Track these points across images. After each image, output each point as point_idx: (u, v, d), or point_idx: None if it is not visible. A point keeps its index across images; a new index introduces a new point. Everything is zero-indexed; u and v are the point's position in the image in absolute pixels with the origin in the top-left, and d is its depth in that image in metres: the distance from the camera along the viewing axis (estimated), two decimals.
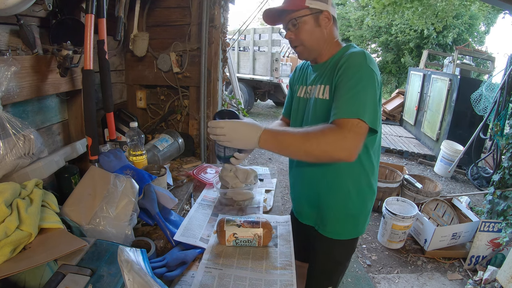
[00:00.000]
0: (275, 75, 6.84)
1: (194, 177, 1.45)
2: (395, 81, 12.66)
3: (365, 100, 0.87)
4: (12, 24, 1.02)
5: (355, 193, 1.07)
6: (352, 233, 1.13)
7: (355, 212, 1.09)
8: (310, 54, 1.06)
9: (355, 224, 1.12)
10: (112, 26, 1.37)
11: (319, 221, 1.15)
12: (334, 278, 1.22)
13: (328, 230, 1.13)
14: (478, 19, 10.91)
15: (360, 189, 1.07)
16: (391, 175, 3.47)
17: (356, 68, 0.91)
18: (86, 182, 0.99)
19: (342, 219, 1.10)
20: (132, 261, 0.63)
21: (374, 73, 0.90)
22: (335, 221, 1.11)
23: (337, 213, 1.10)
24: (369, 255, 2.57)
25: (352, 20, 13.58)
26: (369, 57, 0.92)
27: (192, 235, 1.01)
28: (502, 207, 2.45)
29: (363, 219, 1.12)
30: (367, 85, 0.88)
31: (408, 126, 6.39)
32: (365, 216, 1.13)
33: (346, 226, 1.11)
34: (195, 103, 1.94)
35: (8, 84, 0.88)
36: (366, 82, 0.89)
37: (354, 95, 0.87)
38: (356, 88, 0.88)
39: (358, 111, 0.85)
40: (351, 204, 1.08)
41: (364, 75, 0.89)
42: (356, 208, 1.09)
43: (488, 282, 2.08)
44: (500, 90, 3.45)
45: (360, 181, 1.06)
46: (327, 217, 1.12)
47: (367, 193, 1.09)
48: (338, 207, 1.09)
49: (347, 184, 1.06)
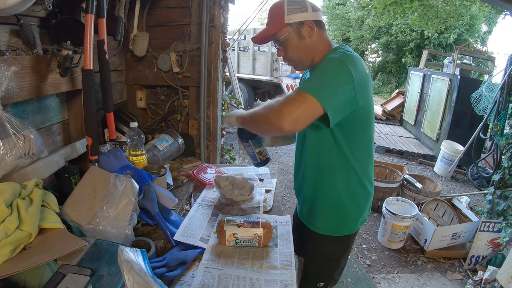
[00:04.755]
0: (275, 75, 6.84)
1: (194, 177, 1.45)
2: (395, 81, 12.65)
3: (327, 83, 0.89)
4: (12, 24, 1.02)
5: (345, 191, 1.09)
6: (342, 230, 1.14)
7: (345, 210, 1.11)
8: (304, 65, 1.09)
9: (345, 221, 1.13)
10: (112, 26, 1.37)
11: (310, 217, 1.18)
12: (325, 274, 1.23)
13: (317, 226, 1.16)
14: (478, 19, 10.90)
15: (350, 188, 1.09)
16: (391, 175, 3.47)
17: (332, 60, 0.94)
18: (86, 182, 0.99)
19: (332, 215, 1.13)
20: (132, 261, 0.63)
21: (349, 72, 0.89)
22: (324, 216, 1.14)
23: (326, 209, 1.13)
24: (369, 255, 2.57)
25: (352, 20, 13.57)
26: (350, 59, 0.92)
27: (192, 235, 1.01)
28: (502, 207, 2.45)
29: (354, 217, 1.13)
30: (335, 74, 0.90)
31: (408, 126, 6.39)
32: (357, 214, 1.14)
33: (335, 222, 1.13)
34: (195, 103, 1.94)
35: (8, 84, 0.88)
36: (335, 72, 0.91)
37: (315, 77, 0.93)
38: (321, 73, 0.92)
39: (310, 87, 0.88)
40: (340, 202, 1.10)
41: (336, 66, 0.91)
42: (345, 206, 1.11)
43: (488, 282, 2.08)
44: (500, 90, 3.45)
45: (350, 179, 1.08)
46: (316, 212, 1.15)
47: (358, 192, 1.11)
48: (327, 203, 1.12)
49: (336, 182, 1.09)
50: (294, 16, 0.99)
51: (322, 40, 1.04)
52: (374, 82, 13.24)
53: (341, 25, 14.34)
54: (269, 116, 0.90)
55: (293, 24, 1.00)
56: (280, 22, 1.00)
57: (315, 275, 1.23)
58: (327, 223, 1.14)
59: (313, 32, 1.01)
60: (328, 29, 16.21)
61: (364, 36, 13.52)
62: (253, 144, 1.16)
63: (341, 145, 1.03)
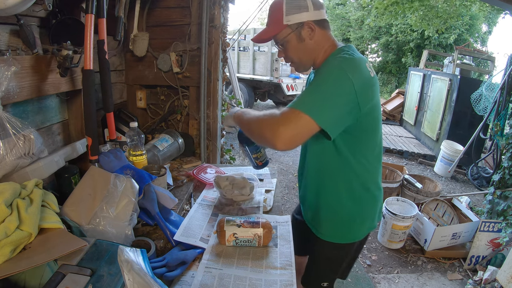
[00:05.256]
0: (275, 75, 6.84)
1: (194, 177, 1.45)
2: (395, 81, 12.65)
3: (321, 98, 0.84)
4: (12, 24, 1.02)
5: (348, 197, 1.05)
6: (346, 237, 1.11)
7: (350, 216, 1.07)
8: (305, 66, 1.05)
9: (349, 228, 1.09)
10: (112, 26, 1.37)
11: (315, 221, 1.16)
12: (329, 276, 1.23)
13: (322, 232, 1.13)
14: (478, 19, 10.90)
15: (353, 193, 1.05)
16: (391, 175, 3.47)
17: (329, 70, 0.90)
18: (86, 182, 0.99)
19: (335, 222, 1.09)
20: (132, 261, 0.63)
21: (348, 80, 0.85)
22: (328, 222, 1.11)
23: (330, 214, 1.09)
24: (369, 255, 2.57)
25: (352, 20, 13.56)
26: (351, 64, 0.88)
27: (192, 235, 1.01)
28: (502, 207, 2.45)
29: (359, 223, 1.10)
30: (332, 86, 0.86)
31: (408, 126, 6.38)
32: (363, 220, 1.10)
33: (340, 228, 1.10)
34: (195, 103, 1.94)
35: (8, 84, 0.88)
36: (331, 83, 0.86)
37: (310, 91, 0.87)
38: (318, 86, 0.87)
39: (303, 105, 0.84)
40: (342, 206, 1.07)
41: (332, 76, 0.87)
42: (349, 212, 1.07)
43: (488, 282, 2.08)
44: (500, 90, 3.45)
45: (352, 185, 1.04)
46: (320, 217, 1.12)
47: (363, 197, 1.06)
48: (330, 208, 1.09)
49: (338, 187, 1.05)
50: (294, 17, 0.94)
51: (325, 40, 0.99)
52: None
53: (341, 25, 14.33)
54: (265, 133, 0.86)
55: (293, 26, 0.95)
56: (279, 23, 0.96)
57: (319, 276, 1.22)
58: (332, 229, 1.11)
59: (314, 34, 0.96)
60: None
61: (364, 36, 13.51)
62: (250, 150, 1.18)
63: (343, 151, 0.99)
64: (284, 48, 1.01)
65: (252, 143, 1.14)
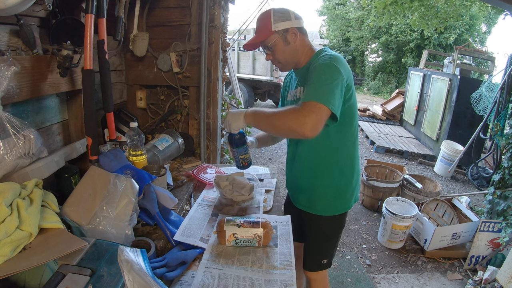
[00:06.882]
0: (275, 75, 6.84)
1: (194, 177, 1.45)
2: (395, 81, 12.65)
3: (328, 89, 1.02)
4: (12, 24, 1.02)
5: (339, 176, 1.25)
6: (340, 208, 1.30)
7: (341, 191, 1.27)
8: (289, 66, 1.25)
9: (341, 201, 1.29)
10: (112, 26, 1.37)
11: (311, 202, 1.30)
12: (327, 251, 1.37)
13: (317, 209, 1.29)
14: (478, 19, 10.91)
15: (344, 172, 1.25)
16: (391, 175, 3.47)
17: (323, 65, 1.07)
18: (86, 182, 0.99)
19: (329, 199, 1.27)
20: (132, 261, 0.63)
21: (340, 71, 1.05)
22: (324, 199, 1.28)
23: (325, 192, 1.27)
24: (369, 255, 2.57)
25: (352, 20, 13.58)
26: (337, 60, 1.08)
27: (192, 235, 1.01)
28: (502, 207, 2.45)
29: (349, 196, 1.29)
30: (331, 78, 1.04)
31: (408, 126, 6.39)
32: (351, 192, 1.30)
33: (333, 202, 1.28)
34: (195, 103, 1.94)
35: (8, 84, 0.88)
36: (330, 75, 1.04)
37: (317, 85, 1.04)
38: (321, 78, 1.04)
39: (318, 96, 1.00)
40: (336, 185, 1.26)
41: (329, 70, 1.05)
42: (341, 188, 1.27)
43: (488, 282, 2.08)
44: (500, 90, 3.45)
45: (344, 165, 1.25)
46: (315, 197, 1.29)
47: (350, 174, 1.27)
48: (325, 187, 1.26)
49: (333, 169, 1.24)
50: (280, 24, 1.14)
51: (305, 44, 1.20)
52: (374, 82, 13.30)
53: (341, 25, 14.35)
54: (292, 125, 1.00)
55: (280, 31, 1.15)
56: (268, 30, 1.15)
57: (319, 254, 1.36)
58: (327, 205, 1.28)
59: (297, 38, 1.17)
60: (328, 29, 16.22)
61: (364, 36, 13.52)
62: (239, 152, 1.26)
63: (332, 135, 1.17)
64: (272, 51, 1.20)
65: (242, 145, 1.24)
